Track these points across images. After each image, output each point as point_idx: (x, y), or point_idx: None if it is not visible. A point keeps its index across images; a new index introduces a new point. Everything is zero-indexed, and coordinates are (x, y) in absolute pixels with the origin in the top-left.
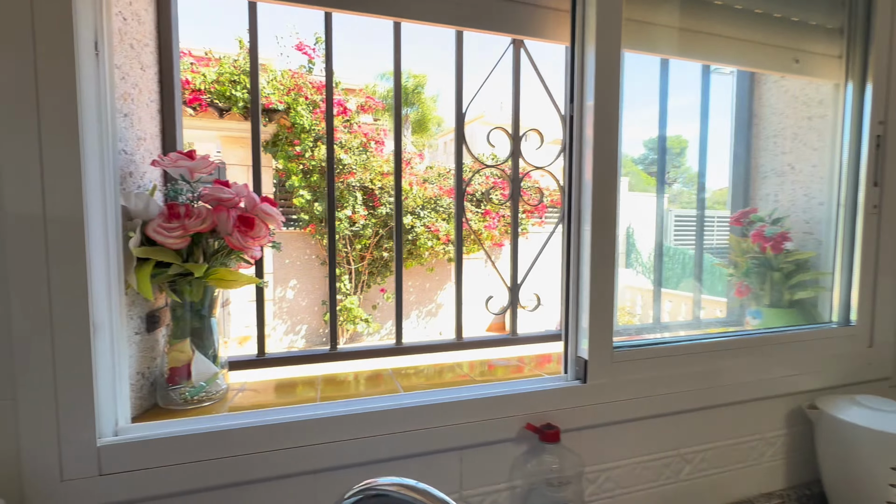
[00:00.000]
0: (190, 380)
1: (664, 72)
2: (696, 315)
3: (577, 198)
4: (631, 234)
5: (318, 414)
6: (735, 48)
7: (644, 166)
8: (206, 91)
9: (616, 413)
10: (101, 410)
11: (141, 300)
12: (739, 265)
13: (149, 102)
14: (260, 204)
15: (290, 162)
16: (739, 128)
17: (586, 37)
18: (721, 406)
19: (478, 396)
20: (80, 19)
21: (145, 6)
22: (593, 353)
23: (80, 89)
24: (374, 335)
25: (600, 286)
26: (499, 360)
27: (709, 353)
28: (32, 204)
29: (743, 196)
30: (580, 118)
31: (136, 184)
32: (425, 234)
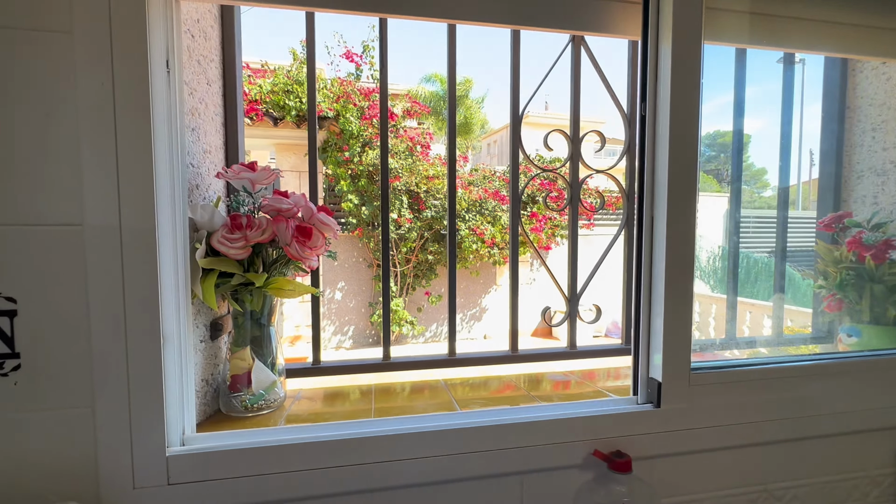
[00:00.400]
0: (250, 387)
1: (740, 62)
2: (775, 327)
3: (649, 201)
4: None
5: (376, 431)
6: (825, 33)
7: (700, 164)
8: (261, 101)
9: (694, 442)
10: (169, 420)
11: (206, 308)
12: (831, 276)
13: (214, 116)
14: (317, 214)
15: (339, 167)
16: (827, 121)
17: (661, 30)
18: (816, 438)
19: (540, 418)
20: (154, 39)
21: (211, 23)
22: (668, 374)
23: (153, 106)
24: (419, 337)
25: (677, 300)
26: (554, 374)
27: (801, 378)
28: (110, 216)
29: (833, 197)
30: (653, 117)
31: (202, 195)
32: (470, 237)
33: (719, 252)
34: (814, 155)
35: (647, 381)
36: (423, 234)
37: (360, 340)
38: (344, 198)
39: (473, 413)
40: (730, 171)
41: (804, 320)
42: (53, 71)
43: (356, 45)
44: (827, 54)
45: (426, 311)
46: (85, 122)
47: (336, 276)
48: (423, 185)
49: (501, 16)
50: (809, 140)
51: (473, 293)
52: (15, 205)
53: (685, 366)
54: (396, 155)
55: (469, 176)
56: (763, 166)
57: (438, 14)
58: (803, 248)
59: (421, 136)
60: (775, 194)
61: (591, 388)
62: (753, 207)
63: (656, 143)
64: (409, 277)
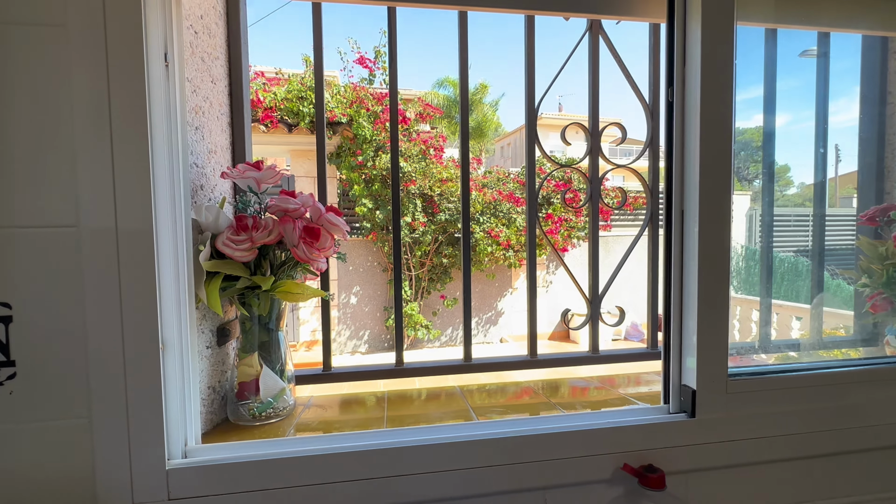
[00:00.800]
0: (258, 395)
1: (771, 46)
2: (814, 329)
3: (678, 196)
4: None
5: (389, 443)
6: (862, 8)
7: (734, 153)
8: (276, 108)
9: (732, 455)
10: (170, 431)
11: (212, 313)
12: (875, 273)
13: (219, 115)
14: (325, 214)
15: (352, 172)
16: (867, 108)
17: (689, 10)
18: (867, 451)
19: (564, 429)
20: (151, 32)
21: (216, 20)
22: (703, 381)
23: (149, 100)
24: (434, 341)
25: (712, 301)
26: (574, 379)
27: (848, 385)
28: (105, 217)
29: (875, 189)
30: (681, 103)
31: (207, 196)
32: (485, 239)
33: (742, 252)
34: (839, 151)
35: (680, 388)
36: (438, 238)
37: (375, 345)
38: (358, 202)
39: (492, 423)
40: (751, 168)
41: (836, 322)
42: (47, 66)
43: (369, 51)
44: (865, 32)
45: (441, 315)
46: (79, 118)
47: (351, 281)
48: (437, 188)
49: (517, 1)
50: (834, 134)
51: (489, 296)
52: (9, 207)
53: (722, 372)
54: (409, 159)
55: (483, 178)
56: (786, 163)
57: (452, 0)
58: (834, 246)
59: (434, 140)
60: (799, 192)
61: (615, 395)
62: (777, 206)
63: (685, 133)
64: (423, 281)
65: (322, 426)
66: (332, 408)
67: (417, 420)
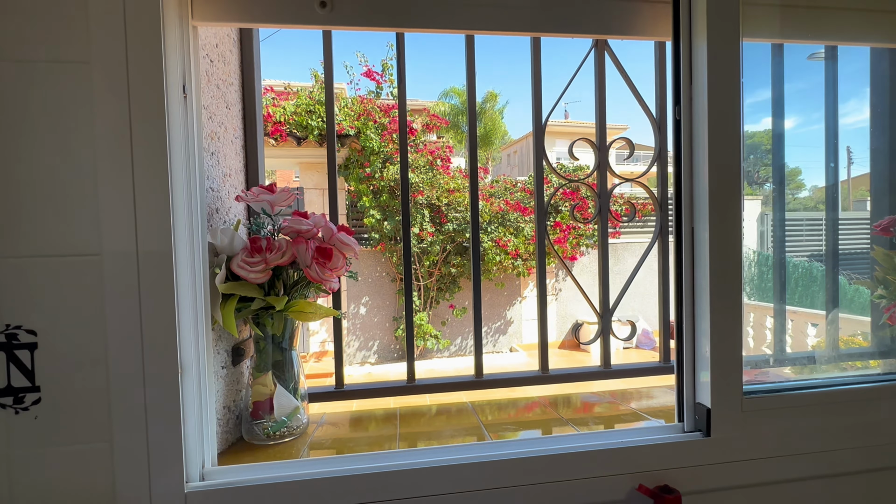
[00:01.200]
0: (272, 414)
1: (777, 57)
2: (830, 341)
3: (688, 211)
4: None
5: (401, 465)
6: (873, 22)
7: (743, 169)
8: (285, 122)
9: (750, 474)
10: (188, 453)
11: (227, 333)
12: (892, 284)
13: (233, 139)
14: (337, 234)
15: (360, 183)
16: (877, 117)
17: (695, 29)
18: (891, 469)
19: (577, 449)
20: (170, 65)
21: (230, 47)
22: (718, 399)
23: (169, 131)
24: (444, 351)
25: (724, 318)
26: (587, 394)
27: (869, 401)
28: (127, 244)
29: (888, 198)
30: (689, 121)
31: (223, 219)
32: (493, 248)
33: (755, 257)
34: (851, 153)
35: (695, 406)
36: (446, 247)
37: (384, 355)
38: (366, 213)
39: (504, 443)
40: (761, 172)
41: (853, 328)
42: (71, 101)
43: (376, 65)
44: (872, 45)
45: (451, 325)
46: (102, 150)
47: (360, 292)
48: (444, 198)
49: (522, 24)
50: (845, 137)
51: (498, 305)
52: (35, 236)
53: (737, 390)
54: (417, 169)
55: (490, 188)
56: (797, 166)
57: (459, 26)
58: (850, 250)
59: (441, 150)
60: (811, 195)
61: (628, 411)
62: (789, 210)
63: (694, 149)
64: (432, 291)
65: (336, 444)
66: (345, 425)
67: (429, 437)
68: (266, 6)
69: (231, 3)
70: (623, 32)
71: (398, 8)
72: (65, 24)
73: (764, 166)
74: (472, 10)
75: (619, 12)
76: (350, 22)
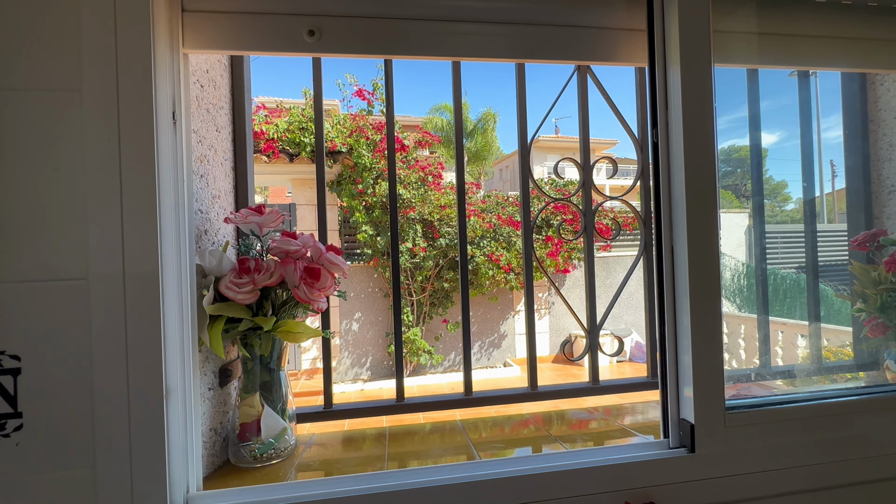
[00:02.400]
0: (259, 436)
1: (752, 79)
2: (813, 355)
3: (667, 229)
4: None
5: (390, 486)
6: (839, 48)
7: (718, 187)
8: (278, 139)
9: (734, 490)
10: (173, 477)
11: (214, 354)
12: (870, 298)
13: (223, 161)
14: (325, 253)
15: (353, 199)
16: (851, 136)
17: (668, 56)
18: (874, 482)
19: (565, 467)
20: (161, 92)
21: (221, 72)
22: (701, 415)
23: (158, 157)
24: (437, 366)
25: (704, 334)
26: (576, 410)
27: (850, 415)
28: (113, 267)
29: (864, 215)
30: (666, 144)
31: (211, 240)
32: (486, 263)
33: (744, 269)
34: (835, 166)
35: (679, 422)
36: (439, 262)
37: (378, 371)
38: (359, 229)
39: (492, 462)
40: (748, 186)
41: (842, 339)
42: (62, 128)
43: (367, 84)
44: (842, 70)
45: (444, 340)
46: (91, 176)
47: (352, 307)
48: (436, 213)
49: (505, 51)
50: (829, 150)
51: (491, 319)
52: (21, 261)
53: (719, 406)
54: (409, 185)
55: (482, 203)
56: (783, 179)
57: (445, 53)
58: (834, 262)
59: (433, 167)
60: (797, 207)
61: (616, 427)
62: (776, 222)
63: (671, 171)
64: (425, 306)
65: (324, 466)
66: (334, 445)
67: (419, 457)
68: (255, 35)
69: (221, 32)
70: (602, 59)
71: (385, 37)
72: (58, 53)
73: (751, 180)
74: (456, 38)
75: (597, 40)
76: (338, 50)
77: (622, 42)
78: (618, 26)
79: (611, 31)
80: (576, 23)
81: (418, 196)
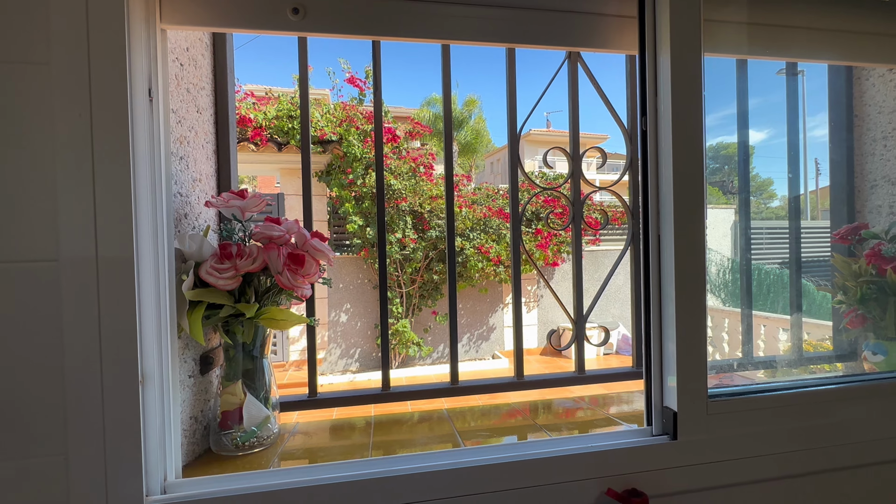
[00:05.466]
0: (241, 424)
1: (742, 73)
2: (794, 346)
3: (654, 219)
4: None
5: (371, 473)
6: (827, 41)
7: (706, 178)
8: (266, 127)
9: (716, 476)
10: (149, 465)
11: (195, 341)
12: (850, 290)
13: (204, 144)
14: (310, 240)
15: (343, 189)
16: (836, 130)
17: (659, 44)
18: (849, 468)
19: (548, 454)
20: (136, 68)
21: (202, 51)
22: (684, 403)
23: (133, 135)
24: (426, 358)
25: (688, 323)
26: (562, 399)
27: (827, 403)
28: (86, 248)
29: (846, 208)
30: (654, 132)
31: (192, 225)
32: (475, 255)
33: (729, 265)
34: (819, 164)
35: (662, 410)
36: (429, 254)
37: (366, 363)
38: (348, 219)
39: (476, 450)
40: (735, 182)
41: (822, 333)
42: (29, 102)
43: (360, 71)
44: (830, 62)
45: (433, 332)
46: (61, 154)
47: (341, 298)
48: (427, 205)
49: (495, 35)
50: (815, 149)
51: (480, 312)
52: None
53: (702, 393)
54: (400, 176)
55: (472, 195)
56: (769, 177)
57: (433, 35)
58: (816, 258)
59: (424, 157)
60: (782, 205)
61: (601, 416)
62: (762, 218)
63: (659, 160)
64: (414, 298)
65: (307, 454)
66: (318, 434)
67: (404, 445)
68: (237, 11)
69: (201, 7)
70: (593, 45)
71: (372, 16)
72: (24, 24)
73: (738, 176)
74: (445, 20)
75: (588, 26)
76: (323, 29)
77: (613, 29)
78: (609, 13)
79: (603, 17)
80: (568, 8)
81: (409, 187)
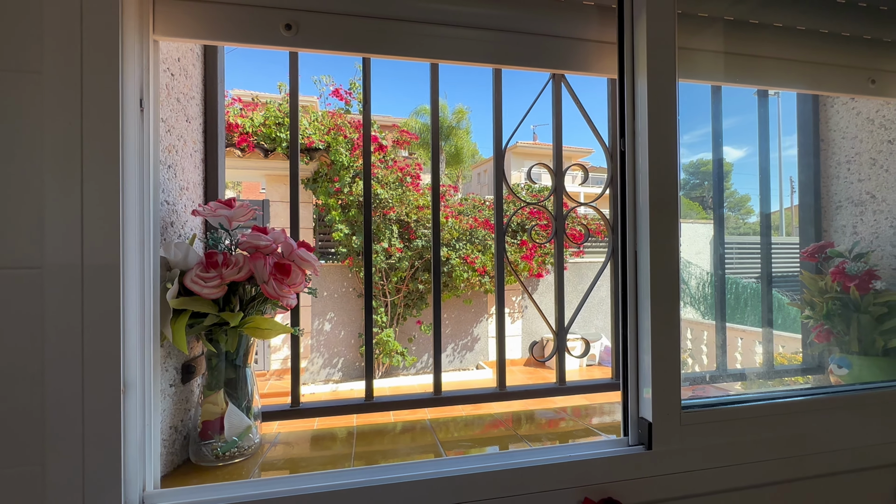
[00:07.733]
0: (223, 434)
1: (716, 97)
2: (766, 359)
3: (632, 235)
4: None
5: (352, 483)
6: (796, 71)
7: (685, 192)
8: (252, 134)
9: (688, 485)
10: (128, 475)
11: (178, 350)
12: (817, 305)
13: (192, 152)
14: (297, 250)
15: (329, 197)
16: (804, 153)
17: (637, 69)
18: (815, 478)
19: (527, 464)
20: (128, 78)
21: (193, 61)
22: (658, 414)
23: (122, 144)
24: (410, 368)
25: (663, 337)
26: (544, 410)
27: (795, 414)
28: (71, 256)
29: (814, 227)
30: (632, 152)
31: (178, 233)
32: (461, 265)
33: (708, 278)
34: (794, 182)
35: (638, 420)
36: (414, 264)
37: (349, 373)
38: (334, 227)
39: (457, 460)
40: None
41: (796, 346)
42: (20, 110)
43: (345, 83)
44: (798, 91)
45: (418, 341)
46: (49, 161)
47: (325, 307)
48: (413, 214)
49: (482, 56)
50: (789, 167)
51: (465, 322)
52: None
53: (676, 405)
54: (387, 185)
55: (459, 205)
56: (747, 193)
57: (422, 54)
58: (789, 273)
59: (411, 167)
60: (759, 220)
61: (581, 427)
62: (739, 233)
63: (637, 179)
64: (399, 307)
65: (288, 465)
66: (300, 444)
67: (386, 456)
68: (230, 25)
69: (194, 21)
70: (576, 69)
71: (364, 35)
72: (17, 33)
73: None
74: (435, 40)
75: (571, 50)
76: (315, 45)
77: (595, 53)
78: (591, 38)
79: (584, 42)
80: (552, 32)
81: (396, 196)
